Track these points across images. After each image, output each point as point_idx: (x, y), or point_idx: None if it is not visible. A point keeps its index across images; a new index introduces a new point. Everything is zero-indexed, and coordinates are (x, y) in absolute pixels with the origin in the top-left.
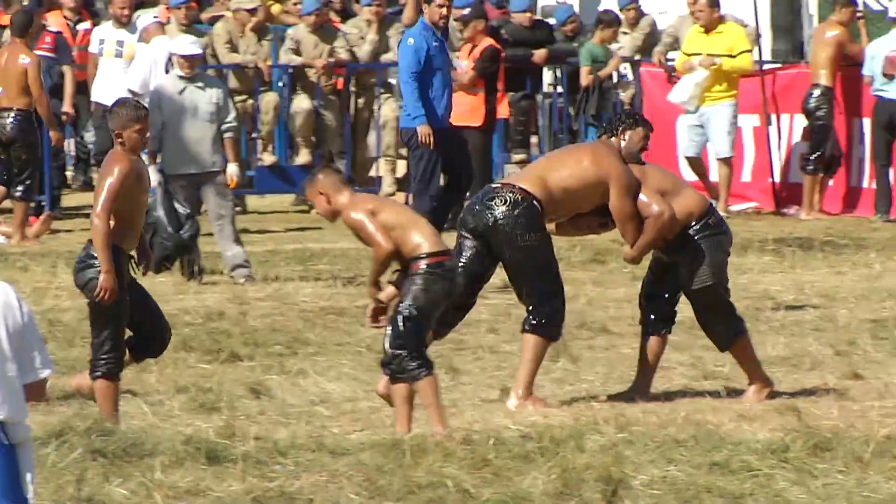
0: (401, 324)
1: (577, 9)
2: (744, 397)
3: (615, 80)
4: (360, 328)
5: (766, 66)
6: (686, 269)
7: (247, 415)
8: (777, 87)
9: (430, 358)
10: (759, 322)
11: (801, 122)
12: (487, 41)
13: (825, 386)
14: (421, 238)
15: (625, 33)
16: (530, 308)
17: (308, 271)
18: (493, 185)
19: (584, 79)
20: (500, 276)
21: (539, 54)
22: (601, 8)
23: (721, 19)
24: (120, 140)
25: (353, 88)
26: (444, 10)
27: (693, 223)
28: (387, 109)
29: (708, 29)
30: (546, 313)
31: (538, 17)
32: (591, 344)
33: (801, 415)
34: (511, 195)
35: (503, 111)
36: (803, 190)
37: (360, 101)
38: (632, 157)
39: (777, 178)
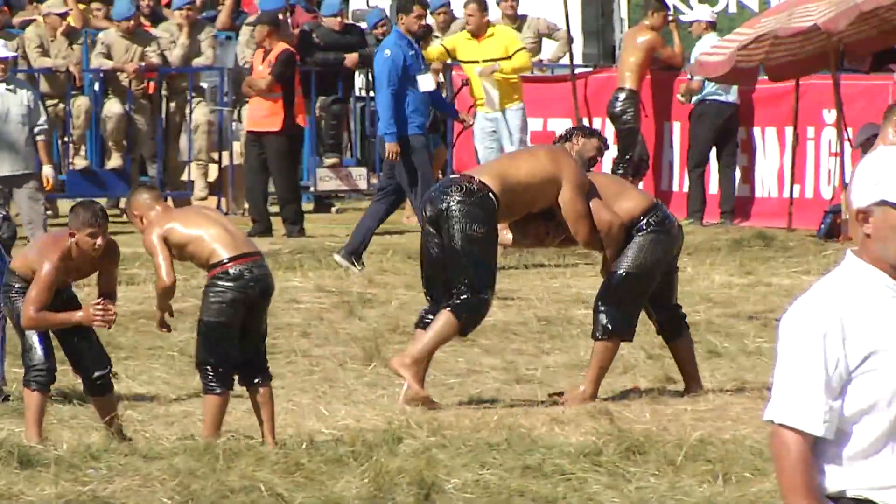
0: (198, 338)
1: (388, 12)
2: (565, 396)
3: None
4: (171, 332)
5: (577, 71)
6: (620, 256)
7: (59, 419)
8: (589, 92)
9: (229, 376)
10: (572, 326)
11: (612, 126)
12: (282, 45)
13: (638, 389)
14: (216, 246)
15: (436, 37)
16: (455, 292)
17: (120, 275)
18: (453, 176)
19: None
20: (313, 280)
21: (350, 58)
22: None
23: (489, 23)
24: (73, 238)
25: (164, 92)
26: (422, 21)
27: (639, 220)
28: (198, 113)
29: (478, 35)
30: (469, 301)
31: (349, 20)
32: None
33: (614, 418)
34: (468, 185)
35: (301, 119)
36: None
37: (172, 105)
38: (582, 164)
39: None
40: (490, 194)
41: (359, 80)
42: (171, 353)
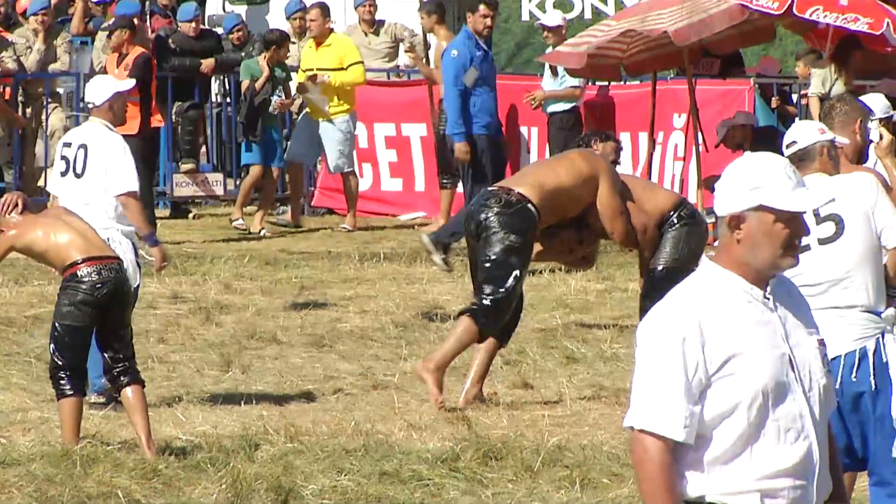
0: (50, 343)
1: (244, 17)
2: None
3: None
4: (28, 338)
5: None
6: (657, 253)
7: None
8: None
9: (81, 379)
10: (429, 332)
11: None
12: (138, 49)
13: (495, 395)
14: (70, 250)
15: (293, 42)
16: (479, 296)
17: None
18: (491, 189)
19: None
20: (170, 287)
21: (207, 64)
22: (269, 18)
23: (331, 31)
24: None
25: (20, 98)
26: (489, 21)
27: (669, 215)
28: (55, 119)
29: (318, 42)
30: (491, 306)
31: (205, 26)
32: (260, 354)
33: (472, 424)
34: (507, 196)
35: (155, 120)
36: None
37: (28, 110)
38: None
39: None
40: (529, 205)
41: (215, 86)
42: (28, 360)
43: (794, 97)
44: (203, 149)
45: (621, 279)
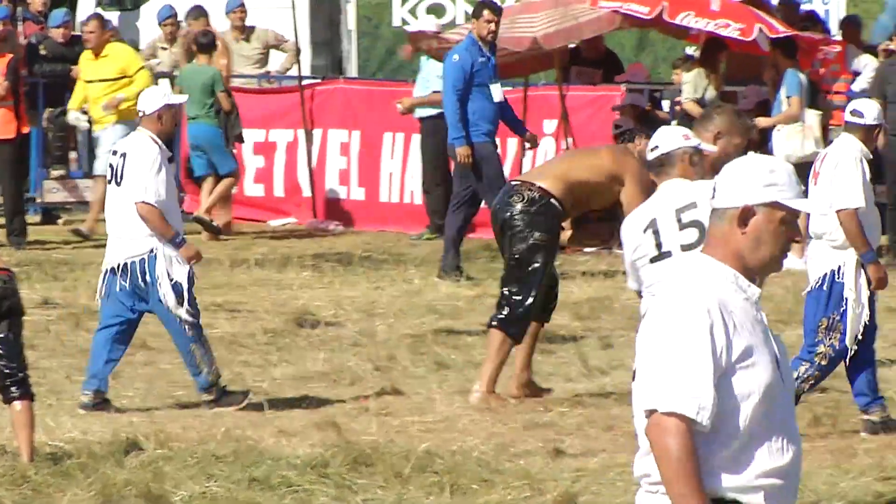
0: None
1: (116, 23)
2: None
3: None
4: None
5: (305, 82)
6: None
7: None
8: (316, 103)
9: None
10: (299, 338)
11: (336, 136)
12: (8, 54)
13: (365, 401)
14: None
15: (164, 48)
16: (504, 302)
17: None
18: (514, 183)
19: (226, 104)
20: (40, 292)
21: (77, 70)
22: (140, 25)
23: (108, 41)
24: None
25: None
26: (493, 26)
27: None
28: None
29: (96, 53)
30: (517, 311)
31: (77, 32)
32: (130, 360)
33: (341, 430)
34: (529, 193)
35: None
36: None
37: None
38: (643, 164)
39: (311, 193)
40: (552, 200)
41: None
42: None
43: (665, 104)
44: (74, 155)
45: (492, 285)
